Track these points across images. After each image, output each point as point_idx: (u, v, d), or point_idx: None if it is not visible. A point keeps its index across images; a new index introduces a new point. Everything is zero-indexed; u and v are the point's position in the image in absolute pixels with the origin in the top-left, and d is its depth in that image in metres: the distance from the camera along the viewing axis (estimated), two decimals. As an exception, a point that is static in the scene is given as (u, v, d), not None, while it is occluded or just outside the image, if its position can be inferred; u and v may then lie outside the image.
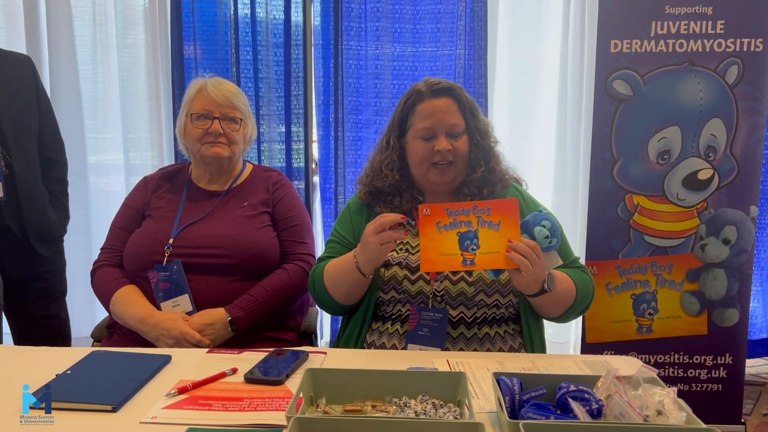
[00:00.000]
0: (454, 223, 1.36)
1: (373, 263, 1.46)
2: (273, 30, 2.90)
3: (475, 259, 1.34)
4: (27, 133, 2.07)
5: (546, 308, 1.54)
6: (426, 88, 1.61)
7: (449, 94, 1.60)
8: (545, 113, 2.97)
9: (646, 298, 2.37)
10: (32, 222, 2.04)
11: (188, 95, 1.80)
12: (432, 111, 1.58)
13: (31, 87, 2.12)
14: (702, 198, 2.30)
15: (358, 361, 1.33)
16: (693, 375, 2.40)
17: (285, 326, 1.77)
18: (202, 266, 1.68)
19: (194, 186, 1.85)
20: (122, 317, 1.66)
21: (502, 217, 1.35)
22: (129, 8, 2.88)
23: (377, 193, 1.66)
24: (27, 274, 2.10)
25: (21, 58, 2.17)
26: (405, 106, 1.63)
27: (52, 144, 2.19)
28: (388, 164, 1.64)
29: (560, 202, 2.99)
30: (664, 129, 2.27)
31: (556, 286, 1.42)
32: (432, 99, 1.59)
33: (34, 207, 2.05)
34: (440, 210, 1.37)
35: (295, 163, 2.97)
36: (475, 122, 1.63)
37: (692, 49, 2.22)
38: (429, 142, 1.58)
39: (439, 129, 1.57)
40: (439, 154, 1.56)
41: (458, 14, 2.84)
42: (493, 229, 1.35)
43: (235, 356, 1.34)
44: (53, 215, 2.13)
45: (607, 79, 2.26)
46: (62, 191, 2.25)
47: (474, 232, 1.35)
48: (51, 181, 2.18)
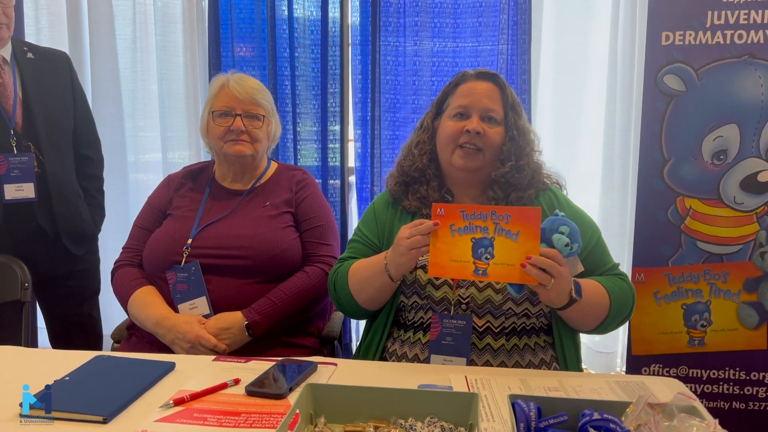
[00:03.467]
0: (469, 228, 1.26)
1: (402, 268, 1.38)
2: (310, 27, 2.84)
3: (488, 269, 1.24)
4: (61, 131, 2.08)
5: (578, 321, 1.43)
6: (473, 72, 1.56)
7: (494, 81, 1.54)
8: (592, 110, 2.82)
9: (698, 309, 2.21)
10: (65, 221, 2.04)
11: (211, 92, 1.77)
12: (471, 91, 1.52)
13: (67, 84, 2.13)
14: (762, 202, 2.12)
15: (370, 375, 1.25)
16: (750, 393, 2.22)
17: (305, 331, 1.71)
18: (220, 267, 1.63)
19: (217, 185, 1.81)
20: (139, 319, 1.63)
21: (522, 226, 1.24)
22: (168, 6, 2.88)
23: (406, 183, 1.58)
24: (61, 272, 2.11)
25: (58, 55, 2.18)
26: (448, 87, 1.58)
27: (88, 141, 2.20)
28: (418, 144, 1.58)
29: (608, 203, 2.83)
30: (720, 127, 2.10)
31: (585, 295, 1.32)
32: (476, 81, 1.53)
33: (66, 206, 2.05)
34: (455, 211, 1.28)
35: (331, 162, 2.91)
36: (516, 118, 1.53)
37: (753, 41, 2.04)
38: (461, 120, 1.50)
39: (474, 109, 1.50)
40: (468, 135, 1.47)
41: (501, 7, 2.71)
42: (510, 238, 1.24)
43: (242, 365, 1.28)
44: (86, 214, 2.14)
45: (657, 74, 2.11)
46: (98, 189, 2.25)
47: (490, 239, 1.25)
48: (86, 178, 2.18)
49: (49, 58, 2.11)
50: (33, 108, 1.98)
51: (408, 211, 1.56)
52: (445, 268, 1.26)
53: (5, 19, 1.93)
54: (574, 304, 1.31)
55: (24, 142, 1.96)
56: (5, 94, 1.97)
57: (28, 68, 2.02)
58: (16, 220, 1.96)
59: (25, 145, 1.96)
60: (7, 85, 1.97)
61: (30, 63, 2.03)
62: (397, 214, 1.58)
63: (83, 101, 2.21)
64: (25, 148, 1.96)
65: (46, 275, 2.06)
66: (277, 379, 1.15)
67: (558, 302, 1.30)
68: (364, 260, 1.51)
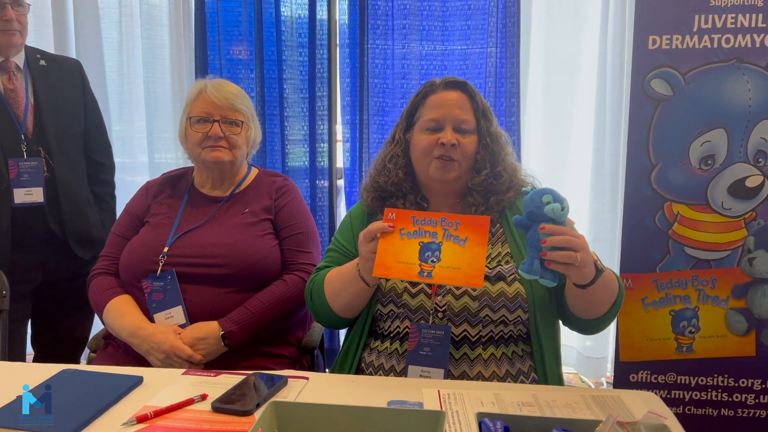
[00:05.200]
0: (419, 232, 1.29)
1: (371, 272, 1.34)
2: (297, 29, 2.83)
3: (433, 271, 1.25)
4: (71, 137, 2.11)
5: (600, 299, 1.36)
6: (440, 81, 1.53)
7: (463, 89, 1.52)
8: (582, 114, 2.80)
9: (686, 315, 2.18)
10: (73, 225, 2.06)
11: (189, 98, 1.75)
12: (442, 102, 1.50)
13: (79, 91, 2.16)
14: (750, 207, 2.09)
15: (341, 390, 1.22)
16: (739, 399, 2.20)
17: (284, 341, 1.69)
18: (197, 276, 1.61)
19: (196, 192, 1.79)
20: (114, 328, 1.60)
21: (471, 233, 1.26)
22: (154, 9, 2.86)
23: (381, 196, 1.56)
24: (67, 275, 2.12)
25: (70, 62, 2.23)
26: (416, 98, 1.56)
27: (99, 147, 2.23)
28: (392, 158, 1.56)
29: (598, 207, 2.81)
30: (707, 132, 2.07)
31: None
32: (444, 91, 1.51)
33: (74, 210, 2.07)
34: (406, 216, 1.31)
35: (320, 164, 2.88)
36: (487, 124, 1.52)
37: (740, 45, 2.02)
38: (434, 134, 1.48)
39: (446, 121, 1.48)
40: (442, 148, 1.46)
41: (489, 10, 2.69)
42: (458, 243, 1.26)
43: (211, 379, 1.25)
44: (95, 218, 2.16)
45: (645, 78, 2.08)
46: (109, 194, 2.28)
47: (438, 244, 1.27)
48: (98, 183, 2.21)
49: (61, 66, 2.16)
50: (44, 114, 2.02)
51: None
52: (391, 269, 1.28)
53: (19, 26, 1.97)
54: (601, 275, 1.28)
55: (34, 148, 2.00)
56: (17, 100, 2.00)
57: (41, 75, 2.06)
58: (26, 223, 1.99)
59: (35, 150, 2.00)
60: (19, 91, 2.01)
61: (42, 70, 2.07)
62: (371, 222, 1.56)
63: (95, 108, 2.24)
64: (35, 153, 2.00)
65: (54, 278, 2.08)
66: (244, 395, 1.13)
67: (589, 274, 1.25)
68: (338, 268, 1.50)
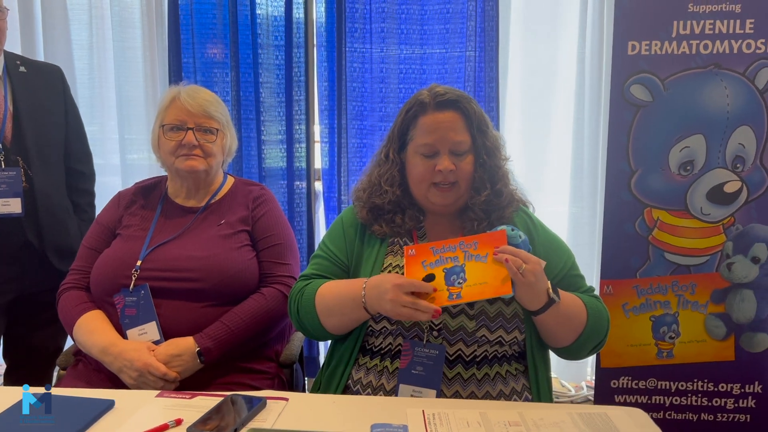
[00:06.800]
0: (440, 261, 1.29)
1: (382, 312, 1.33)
2: (274, 31, 2.77)
3: (461, 292, 1.25)
4: (51, 146, 2.04)
5: (556, 331, 1.37)
6: (430, 99, 1.44)
7: (455, 107, 1.44)
8: (561, 119, 2.79)
9: (666, 321, 2.19)
10: (51, 236, 1.99)
11: (161, 105, 1.68)
12: (435, 126, 1.42)
13: (60, 98, 2.09)
14: (729, 213, 2.10)
15: (323, 411, 1.18)
16: (718, 404, 2.21)
17: (263, 356, 1.63)
18: (171, 291, 1.55)
19: (170, 202, 1.73)
20: (85, 346, 1.54)
21: (490, 249, 1.26)
22: (125, 10, 2.78)
23: (377, 210, 1.51)
24: (45, 287, 2.03)
25: (51, 69, 2.15)
26: (406, 116, 1.47)
27: (80, 156, 2.17)
28: (388, 179, 1.49)
29: (576, 212, 2.81)
30: (686, 138, 2.08)
31: (562, 299, 1.32)
32: (436, 112, 1.43)
33: (53, 221, 2.00)
34: (426, 249, 1.32)
35: (297, 165, 2.83)
36: (483, 138, 1.46)
37: (718, 51, 2.02)
38: (430, 159, 1.43)
39: (441, 146, 1.42)
40: (440, 174, 1.41)
41: (468, 14, 2.67)
42: (480, 261, 1.26)
43: (186, 402, 1.20)
44: (74, 229, 2.09)
45: (624, 84, 2.08)
46: (89, 203, 2.21)
47: (461, 266, 1.27)
48: (77, 193, 2.15)
49: (41, 72, 2.08)
50: (23, 122, 1.94)
51: (377, 235, 1.50)
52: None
53: None
54: (552, 306, 1.29)
55: (12, 157, 1.92)
56: None
57: (20, 82, 1.98)
58: (2, 234, 1.92)
59: (14, 159, 1.92)
60: None
61: (22, 77, 2.00)
62: (366, 236, 1.52)
63: (76, 116, 2.17)
64: (13, 162, 1.92)
65: (29, 290, 2.01)
66: (221, 420, 1.08)
67: (537, 300, 1.28)
68: (335, 284, 1.44)
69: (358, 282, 1.37)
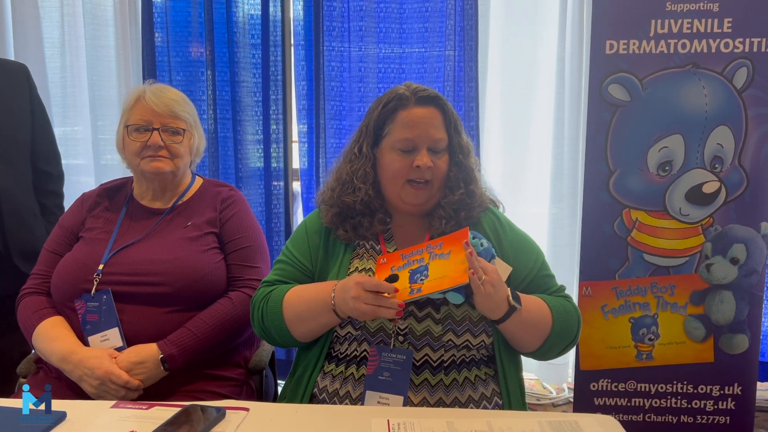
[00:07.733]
0: (408, 264, 1.29)
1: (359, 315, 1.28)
2: (250, 30, 2.73)
3: (422, 287, 1.24)
4: (17, 146, 1.97)
5: (521, 336, 1.35)
6: (410, 94, 1.40)
7: (436, 104, 1.41)
8: (541, 118, 2.76)
9: (645, 323, 2.17)
10: (16, 239, 1.93)
11: (126, 105, 1.63)
12: (416, 121, 1.39)
13: (25, 97, 2.02)
14: (707, 213, 2.09)
15: (284, 422, 1.14)
16: (698, 406, 2.19)
17: (230, 362, 1.59)
18: (134, 295, 1.50)
19: (135, 203, 1.68)
20: (44, 353, 1.49)
21: (453, 246, 1.27)
22: (98, 8, 2.72)
23: (344, 213, 1.46)
24: (9, 292, 1.95)
25: (15, 67, 2.07)
26: (383, 110, 1.42)
27: (47, 156, 2.10)
28: (361, 176, 1.44)
29: (556, 212, 2.78)
30: (665, 138, 2.06)
31: (525, 306, 1.29)
32: (416, 107, 1.40)
33: (19, 223, 1.94)
34: (396, 256, 1.35)
35: (274, 165, 2.79)
36: (459, 139, 1.44)
37: (696, 50, 2.00)
38: (408, 155, 1.39)
39: (420, 142, 1.38)
40: (417, 171, 1.38)
41: (447, 13, 2.64)
42: (443, 258, 1.26)
43: (142, 413, 1.16)
44: (41, 232, 2.01)
45: (602, 83, 2.05)
46: (57, 205, 2.14)
47: (425, 265, 1.27)
48: (45, 194, 2.08)
49: (5, 71, 2.00)
50: None
51: (342, 240, 1.46)
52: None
53: None
54: (513, 314, 1.27)
55: None
56: None
57: None
58: None
59: None
60: None
61: None
62: (330, 240, 1.48)
63: (42, 115, 2.10)
64: None
65: None
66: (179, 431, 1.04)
67: (497, 309, 1.26)
68: (302, 289, 1.40)
69: (327, 285, 1.34)
